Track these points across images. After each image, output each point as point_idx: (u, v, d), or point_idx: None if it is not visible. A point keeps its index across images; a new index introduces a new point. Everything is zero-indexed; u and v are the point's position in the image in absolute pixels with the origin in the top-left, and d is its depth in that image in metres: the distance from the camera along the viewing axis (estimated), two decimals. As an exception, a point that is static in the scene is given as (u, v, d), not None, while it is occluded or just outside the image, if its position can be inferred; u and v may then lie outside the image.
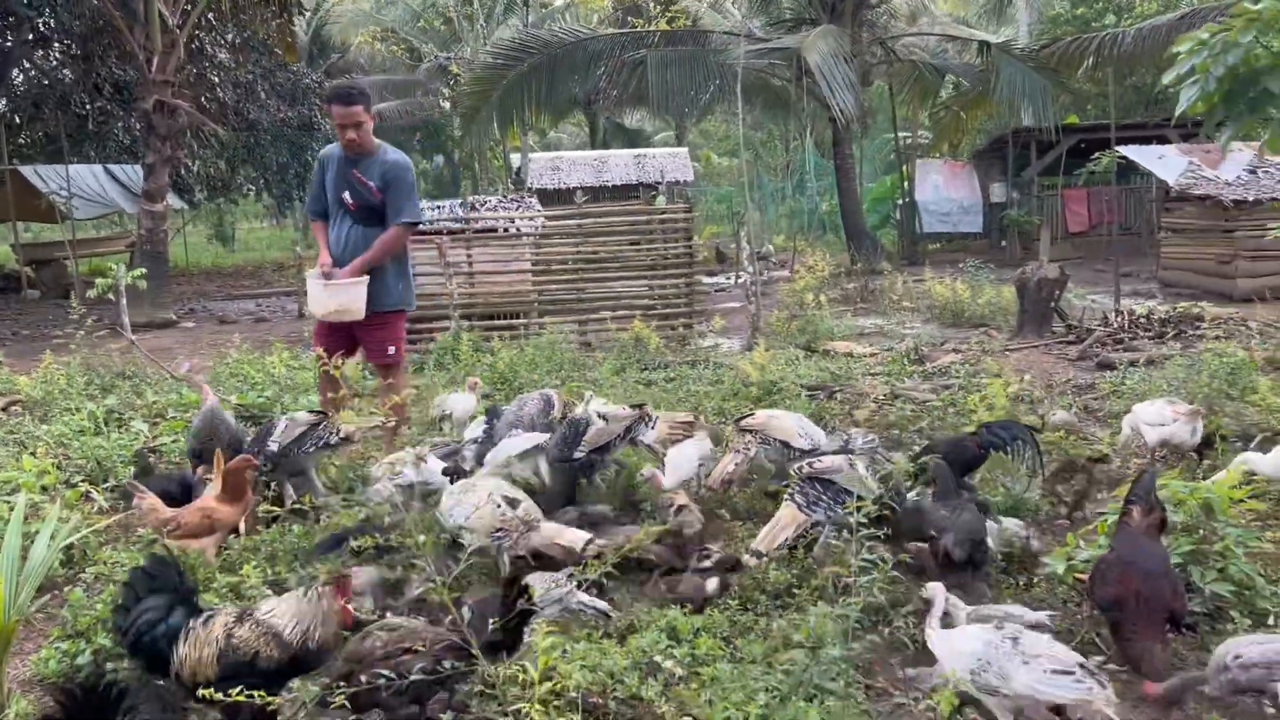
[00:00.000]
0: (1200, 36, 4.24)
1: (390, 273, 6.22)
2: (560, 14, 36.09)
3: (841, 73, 15.97)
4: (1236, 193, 14.04)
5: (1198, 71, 4.15)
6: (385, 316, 6.25)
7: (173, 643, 3.02)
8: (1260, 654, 3.29)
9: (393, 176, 6.02)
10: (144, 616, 3.04)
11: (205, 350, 12.91)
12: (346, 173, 6.05)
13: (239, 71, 22.15)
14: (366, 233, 6.07)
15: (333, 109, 6.00)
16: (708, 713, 3.16)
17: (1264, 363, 7.88)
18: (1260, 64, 3.99)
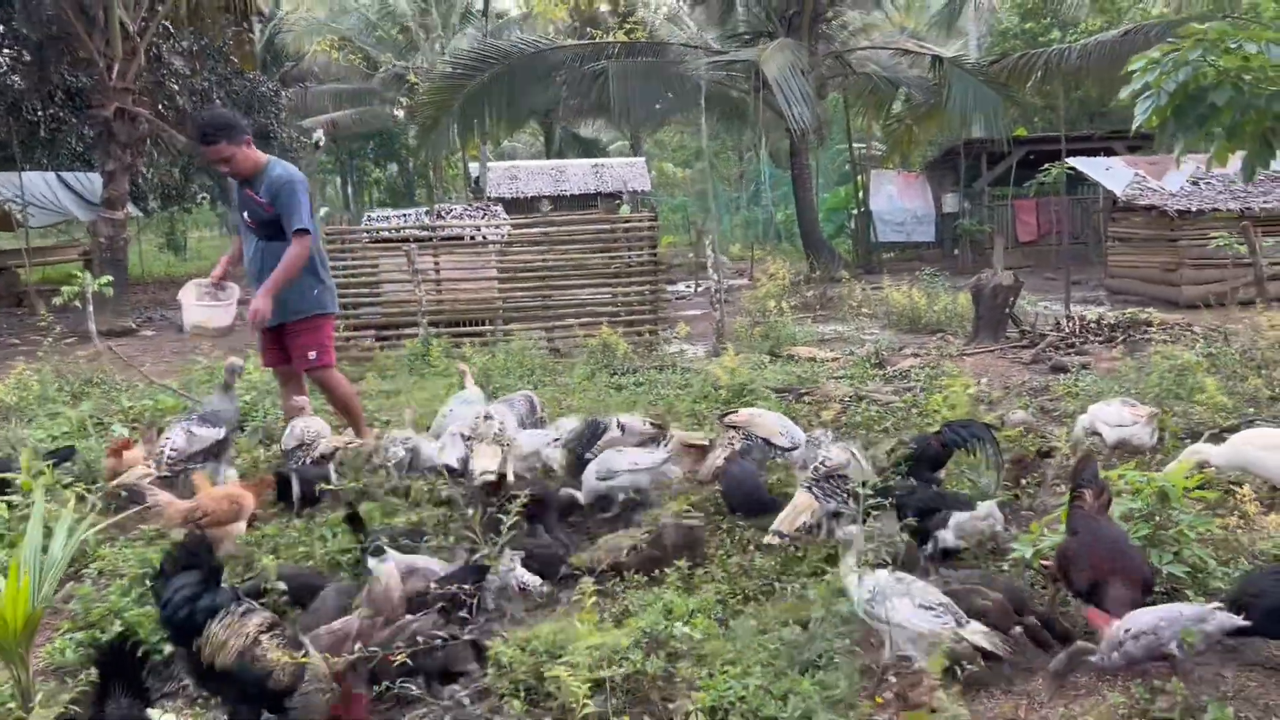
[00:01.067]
0: (1153, 55, 4.53)
1: (304, 281, 6.22)
2: (517, 24, 36.22)
3: (798, 85, 16.30)
4: (1180, 203, 14.54)
5: (1151, 87, 4.43)
6: (304, 323, 6.33)
7: (208, 619, 3.15)
8: (1147, 621, 3.53)
9: (277, 189, 6.03)
10: (184, 591, 3.16)
11: (169, 357, 12.91)
12: (241, 195, 6.18)
13: (195, 79, 22.02)
14: (271, 247, 6.11)
15: (201, 148, 6.15)
16: (709, 684, 3.34)
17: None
18: (1207, 81, 4.28)
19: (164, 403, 7.83)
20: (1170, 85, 4.32)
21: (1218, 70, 4.25)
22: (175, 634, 3.22)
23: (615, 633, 3.63)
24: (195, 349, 10.69)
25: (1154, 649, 3.51)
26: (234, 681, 3.13)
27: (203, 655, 3.14)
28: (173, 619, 3.17)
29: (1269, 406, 7.21)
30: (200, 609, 3.14)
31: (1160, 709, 3.38)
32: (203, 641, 3.13)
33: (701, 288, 19.68)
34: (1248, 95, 4.20)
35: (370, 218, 15.13)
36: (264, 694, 3.13)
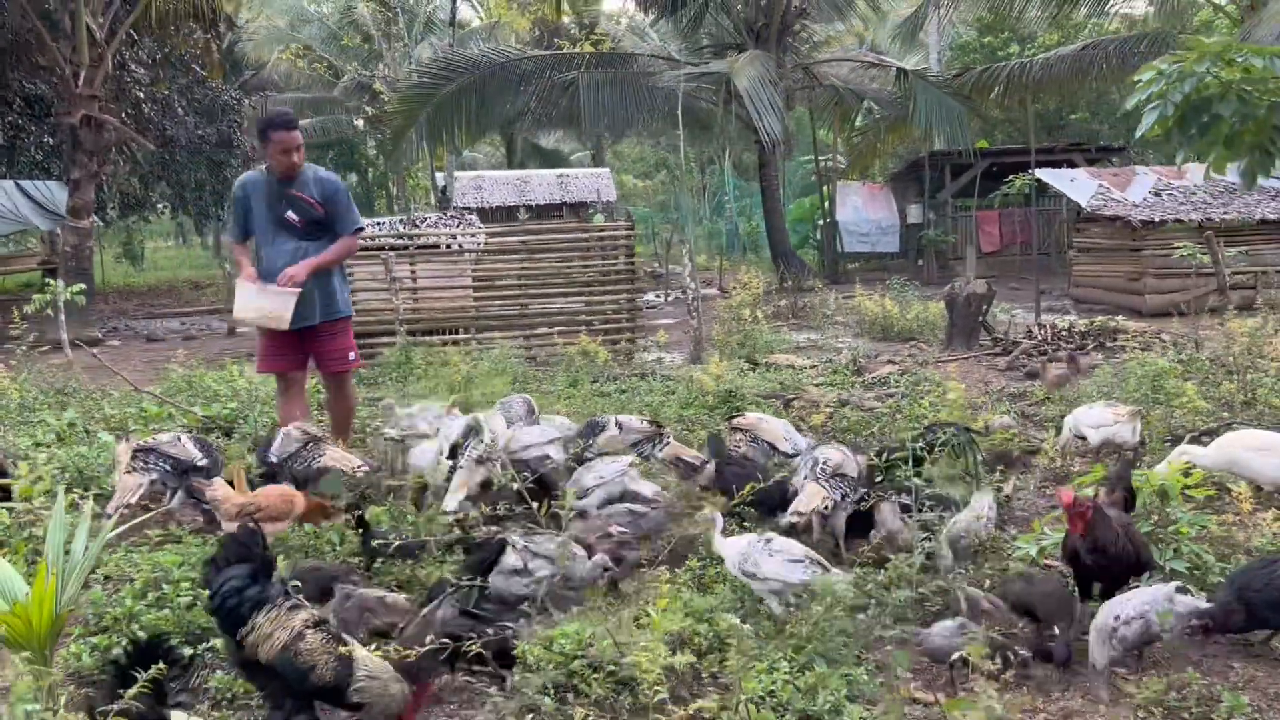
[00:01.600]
0: (1160, 66, 4.68)
1: (336, 281, 6.40)
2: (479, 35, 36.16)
3: (768, 96, 16.48)
4: (1144, 214, 14.86)
5: (1156, 98, 4.58)
6: (338, 324, 6.41)
7: (254, 610, 3.16)
8: (1134, 606, 3.67)
9: (332, 190, 6.24)
10: (233, 582, 3.17)
11: (141, 367, 12.75)
12: (283, 193, 6.15)
13: (157, 88, 21.83)
14: (312, 246, 6.17)
15: (274, 134, 6.07)
16: (738, 680, 3.39)
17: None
18: (1210, 92, 4.43)
19: (149, 410, 7.75)
20: (1176, 96, 4.46)
21: (1221, 82, 4.39)
22: (222, 624, 3.23)
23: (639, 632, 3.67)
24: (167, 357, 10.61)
25: (1145, 632, 3.64)
26: (277, 675, 3.14)
27: (247, 647, 3.14)
28: (221, 609, 3.18)
29: (1243, 410, 7.39)
30: (247, 600, 3.15)
31: (1174, 699, 3.48)
32: (247, 632, 3.13)
33: (671, 297, 19.79)
34: (1249, 105, 4.34)
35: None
36: (308, 688, 3.13)
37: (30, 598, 3.31)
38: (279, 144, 6.05)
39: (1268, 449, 5.40)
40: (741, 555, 4.11)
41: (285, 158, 6.07)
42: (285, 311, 5.97)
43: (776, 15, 20.13)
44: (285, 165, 6.09)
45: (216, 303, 22.60)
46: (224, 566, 3.21)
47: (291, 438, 5.47)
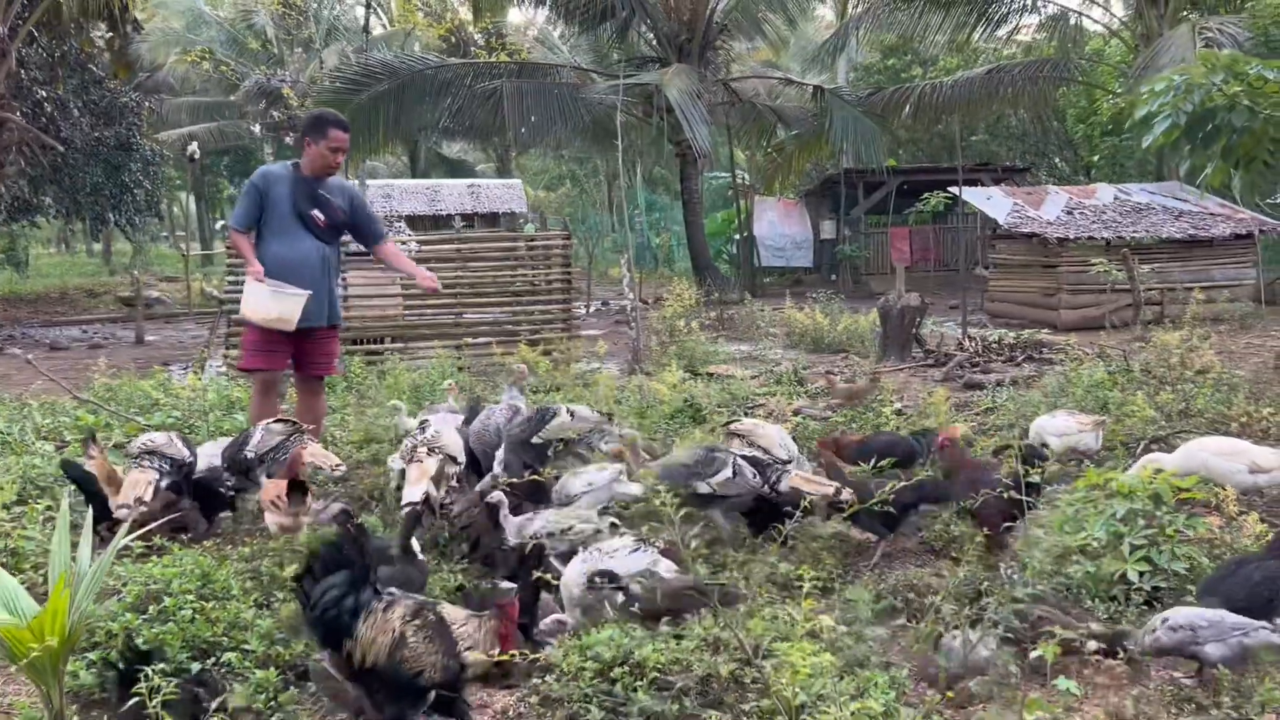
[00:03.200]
0: (1170, 77, 4.82)
1: (336, 288, 6.48)
2: (384, 43, 35.60)
3: (698, 109, 16.59)
4: (1059, 231, 15.36)
5: (1164, 109, 4.72)
6: (334, 330, 6.50)
7: (354, 619, 3.02)
8: (1186, 618, 3.71)
9: (360, 199, 6.50)
10: (330, 592, 3.01)
11: (57, 374, 12.15)
12: (311, 191, 6.10)
13: (55, 87, 20.90)
14: (327, 249, 6.23)
15: (333, 131, 6.09)
16: (779, 686, 3.34)
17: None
18: (1212, 104, 4.58)
19: (84, 419, 7.38)
20: (1187, 107, 4.60)
21: (1227, 95, 4.55)
22: (324, 637, 3.10)
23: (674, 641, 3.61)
24: (77, 366, 10.14)
25: (1186, 645, 3.67)
26: (388, 681, 3.04)
27: (353, 658, 3.03)
28: (321, 621, 3.05)
29: (1181, 419, 7.66)
30: (346, 610, 3.01)
31: (1203, 696, 3.55)
32: (353, 644, 3.03)
33: (593, 308, 19.73)
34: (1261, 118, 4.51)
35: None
36: (420, 688, 3.06)
37: (44, 613, 3.08)
38: (334, 141, 6.07)
39: (1232, 454, 5.61)
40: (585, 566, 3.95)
41: (333, 156, 6.12)
42: (295, 315, 5.92)
43: (699, 31, 20.30)
44: (328, 164, 6.13)
45: (112, 310, 21.82)
46: (321, 575, 3.06)
47: (273, 431, 5.27)
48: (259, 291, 5.89)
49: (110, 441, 6.97)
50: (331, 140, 6.06)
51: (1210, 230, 15.93)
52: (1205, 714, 3.49)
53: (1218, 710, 3.49)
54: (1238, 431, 6.89)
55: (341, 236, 6.41)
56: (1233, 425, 7.00)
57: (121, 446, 6.95)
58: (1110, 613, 4.20)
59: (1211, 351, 9.26)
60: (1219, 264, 15.83)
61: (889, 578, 4.56)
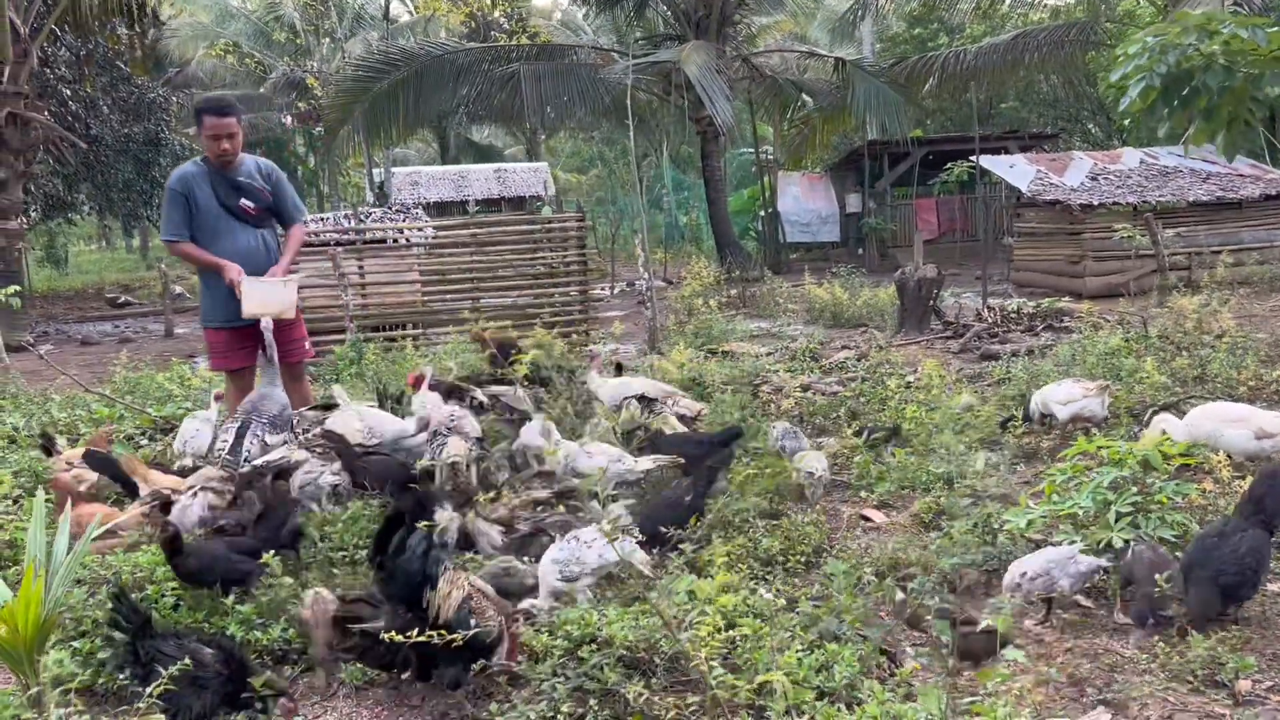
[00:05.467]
0: (1145, 39, 4.73)
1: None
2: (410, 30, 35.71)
3: (718, 84, 16.51)
4: (1082, 198, 15.13)
5: (1139, 71, 4.63)
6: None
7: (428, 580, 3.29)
8: (1039, 564, 3.93)
9: (276, 177, 6.18)
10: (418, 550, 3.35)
11: (78, 370, 12.37)
12: (232, 182, 5.97)
13: (83, 85, 21.22)
14: (262, 235, 6.13)
15: (206, 119, 5.90)
16: (748, 659, 3.35)
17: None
18: (1190, 64, 4.48)
19: (100, 412, 7.50)
20: (1161, 68, 4.52)
21: (1203, 55, 4.45)
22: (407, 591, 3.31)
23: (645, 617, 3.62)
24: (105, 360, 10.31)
25: (1049, 588, 3.90)
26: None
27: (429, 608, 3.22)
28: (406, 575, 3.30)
29: (1195, 385, 7.54)
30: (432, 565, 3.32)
31: (1178, 663, 3.52)
32: (433, 596, 3.23)
33: (617, 290, 19.73)
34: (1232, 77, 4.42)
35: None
36: (479, 650, 3.26)
37: (16, 601, 3.15)
38: (209, 129, 5.88)
39: (1239, 421, 5.53)
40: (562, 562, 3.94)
41: (215, 144, 5.87)
42: (293, 304, 5.95)
43: (717, 6, 20.14)
44: (215, 152, 5.89)
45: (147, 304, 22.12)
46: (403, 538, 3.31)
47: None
48: (258, 286, 5.81)
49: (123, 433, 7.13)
50: (206, 129, 5.90)
51: (1239, 192, 15.62)
52: (1180, 680, 3.47)
53: (1193, 679, 3.47)
54: (1247, 396, 6.78)
55: (273, 219, 6.23)
56: (1241, 389, 6.89)
57: (133, 438, 7.12)
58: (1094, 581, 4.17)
59: (1229, 315, 9.11)
60: (1248, 226, 15.51)
61: (874, 550, 4.55)
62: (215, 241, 5.96)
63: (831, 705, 3.15)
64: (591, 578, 3.82)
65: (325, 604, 3.59)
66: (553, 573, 3.79)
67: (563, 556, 3.83)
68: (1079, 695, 3.45)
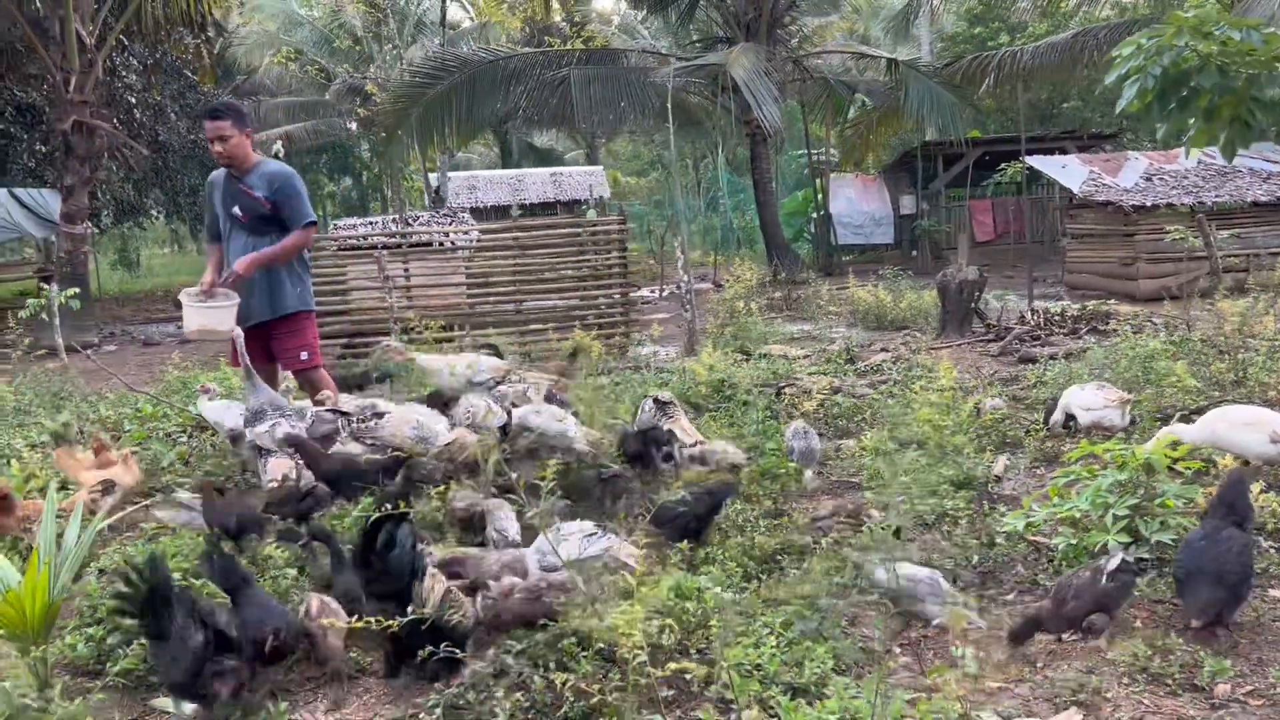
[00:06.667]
0: (1139, 40, 4.70)
1: (286, 277, 6.28)
2: (471, 36, 36.17)
3: (765, 86, 16.52)
4: (1135, 199, 14.88)
5: (1134, 72, 4.60)
6: (287, 322, 6.33)
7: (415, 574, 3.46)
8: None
9: (280, 184, 6.12)
10: (404, 551, 3.48)
11: (135, 370, 12.79)
12: (234, 188, 6.15)
13: (150, 93, 21.88)
14: (259, 242, 6.12)
15: (205, 124, 6.14)
16: (724, 655, 3.41)
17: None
18: (1189, 64, 4.45)
19: (145, 410, 7.78)
20: (1156, 69, 4.48)
21: (1200, 55, 4.41)
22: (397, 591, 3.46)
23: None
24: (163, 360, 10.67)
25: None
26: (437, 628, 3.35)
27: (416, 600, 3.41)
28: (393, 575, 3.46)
29: (1233, 389, 7.42)
30: (418, 565, 3.50)
31: (1158, 665, 3.52)
32: (420, 592, 3.44)
33: (666, 292, 19.81)
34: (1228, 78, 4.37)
35: (337, 226, 15.09)
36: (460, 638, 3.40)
37: (23, 587, 3.34)
38: (206, 133, 6.09)
39: (1252, 424, 5.44)
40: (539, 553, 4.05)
41: (211, 147, 6.07)
42: (222, 324, 5.93)
43: (766, 8, 20.15)
44: (215, 155, 6.11)
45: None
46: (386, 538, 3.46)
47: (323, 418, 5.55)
48: (186, 306, 6.01)
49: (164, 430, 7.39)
50: (206, 132, 6.10)
51: (1301, 192, 15.25)
52: (1159, 684, 3.46)
53: (1171, 682, 3.46)
54: (1277, 400, 6.66)
55: (279, 227, 6.16)
56: (1270, 393, 6.77)
57: (172, 435, 7.37)
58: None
59: (1275, 318, 8.93)
60: (1309, 227, 15.14)
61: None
62: (226, 244, 6.24)
63: (794, 700, 3.20)
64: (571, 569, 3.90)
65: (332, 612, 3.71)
66: (533, 563, 3.89)
67: (544, 547, 3.92)
68: (1052, 695, 3.46)
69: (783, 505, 5.27)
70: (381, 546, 3.48)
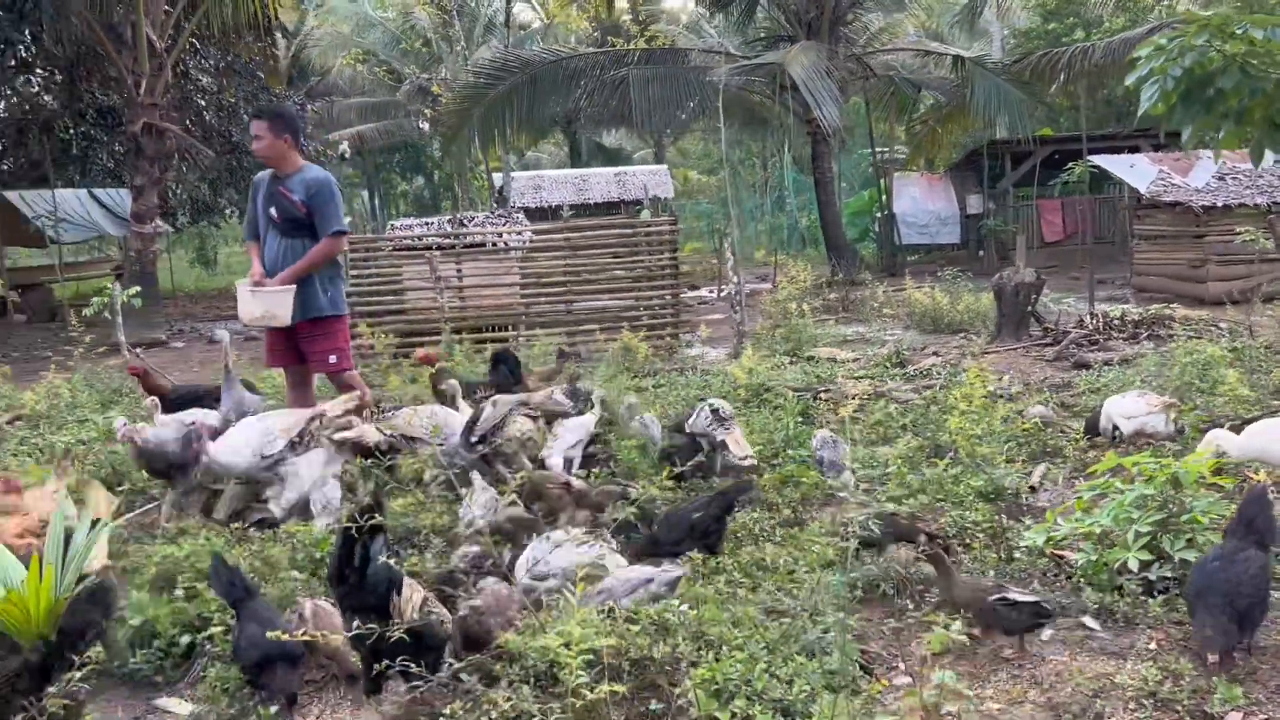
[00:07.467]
0: (1159, 41, 4.53)
1: (317, 281, 6.38)
2: (539, 35, 36.42)
3: (825, 85, 16.34)
4: (1205, 199, 14.41)
5: (1155, 74, 4.44)
6: (318, 325, 6.43)
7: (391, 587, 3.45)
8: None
9: (315, 190, 6.24)
10: (380, 566, 3.43)
11: (198, 367, 13.09)
12: (272, 190, 6.31)
13: (223, 95, 22.35)
14: (292, 244, 6.27)
15: (250, 124, 6.42)
16: (715, 668, 3.37)
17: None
18: (1213, 66, 4.27)
19: (191, 409, 7.94)
20: (1176, 71, 4.32)
21: (1223, 55, 4.24)
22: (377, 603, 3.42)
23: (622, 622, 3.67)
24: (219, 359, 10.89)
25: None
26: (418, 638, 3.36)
27: (394, 613, 3.39)
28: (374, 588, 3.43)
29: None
30: (395, 578, 3.47)
31: (1168, 690, 3.39)
32: (400, 602, 3.41)
33: (724, 292, 19.71)
34: (1255, 79, 4.19)
35: (394, 226, 15.28)
36: (435, 644, 3.44)
37: (26, 586, 3.41)
38: (250, 132, 6.33)
39: (1297, 437, 5.23)
40: (533, 561, 4.08)
41: (253, 146, 6.32)
42: (282, 310, 6.12)
43: (828, 6, 19.91)
44: (256, 153, 6.33)
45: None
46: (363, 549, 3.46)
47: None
48: (242, 294, 6.23)
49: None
50: (250, 132, 6.35)
51: (1385, 192, 14.62)
52: (1166, 709, 3.34)
53: (1180, 708, 3.33)
54: (1333, 410, 6.40)
55: (310, 230, 6.27)
56: (1325, 403, 6.51)
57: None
58: (1103, 602, 4.04)
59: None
60: (1393, 229, 14.48)
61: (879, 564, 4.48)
62: (264, 244, 6.41)
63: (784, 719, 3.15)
64: (558, 579, 3.89)
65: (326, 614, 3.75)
66: (522, 571, 3.89)
67: (533, 556, 3.92)
68: (1056, 717, 3.35)
69: (803, 514, 5.19)
70: (359, 560, 3.45)
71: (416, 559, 4.42)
